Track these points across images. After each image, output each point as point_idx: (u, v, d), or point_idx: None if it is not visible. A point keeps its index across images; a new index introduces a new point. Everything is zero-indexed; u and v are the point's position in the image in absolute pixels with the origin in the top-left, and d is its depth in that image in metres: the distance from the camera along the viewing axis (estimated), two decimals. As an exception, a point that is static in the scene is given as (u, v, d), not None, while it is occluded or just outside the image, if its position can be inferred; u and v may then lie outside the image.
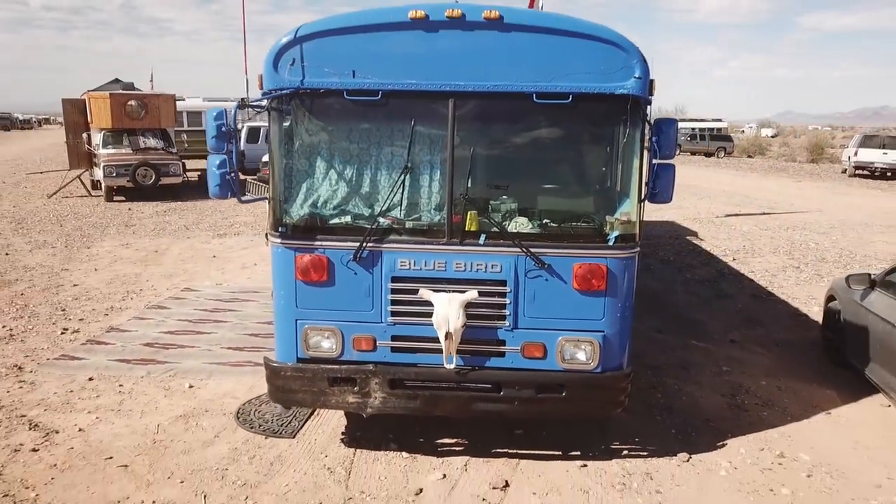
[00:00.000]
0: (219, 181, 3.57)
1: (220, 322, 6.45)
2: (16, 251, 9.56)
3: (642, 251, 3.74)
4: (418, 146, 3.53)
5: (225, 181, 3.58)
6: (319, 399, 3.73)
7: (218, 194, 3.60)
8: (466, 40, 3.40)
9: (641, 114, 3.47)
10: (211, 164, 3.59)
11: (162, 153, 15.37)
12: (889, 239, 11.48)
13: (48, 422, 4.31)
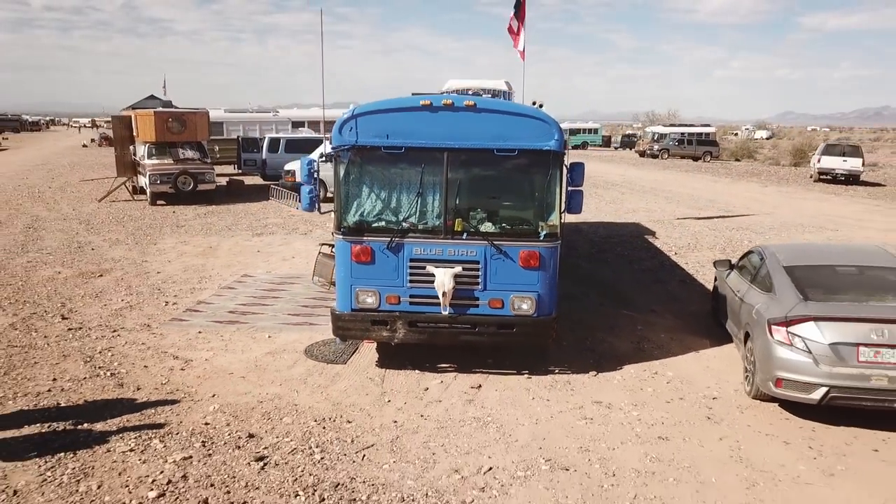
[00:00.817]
0: (308, 202, 5.91)
1: (277, 297, 8.76)
2: (98, 247, 11.85)
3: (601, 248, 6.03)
4: (426, 179, 5.84)
5: (312, 201, 5.92)
6: (365, 334, 6.05)
7: (308, 209, 5.94)
8: (455, 118, 5.71)
9: (559, 160, 5.78)
10: (304, 191, 5.93)
11: (198, 163, 17.68)
12: (813, 238, 13.77)
13: (183, 355, 6.62)
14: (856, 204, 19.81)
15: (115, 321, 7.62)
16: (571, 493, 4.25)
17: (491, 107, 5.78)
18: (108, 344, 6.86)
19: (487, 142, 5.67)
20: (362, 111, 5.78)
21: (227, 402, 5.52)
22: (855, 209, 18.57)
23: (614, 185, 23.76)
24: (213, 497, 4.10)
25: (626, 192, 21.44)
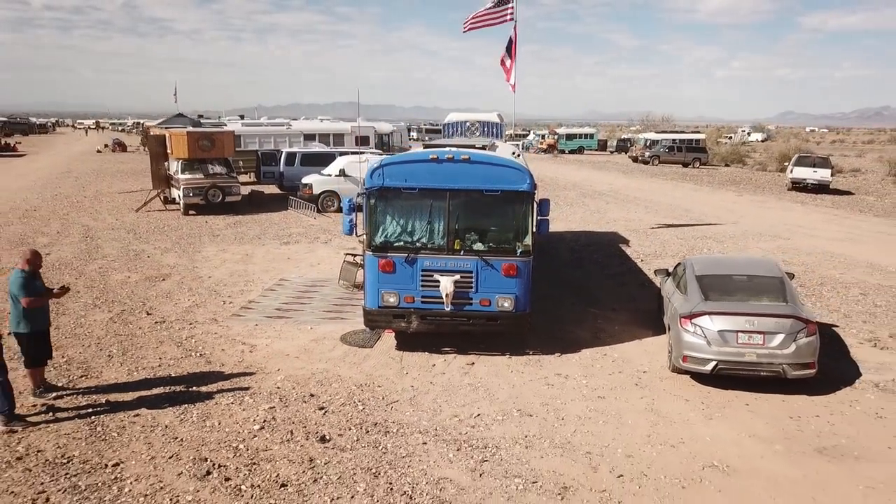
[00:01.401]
0: (349, 228, 8.04)
1: (311, 298, 10.87)
2: (151, 254, 13.96)
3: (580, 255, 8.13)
4: (433, 212, 7.94)
5: (351, 228, 8.04)
6: (388, 324, 8.16)
7: (348, 233, 8.06)
8: (454, 167, 7.81)
9: (531, 198, 7.89)
10: (345, 219, 8.05)
11: (226, 177, 19.78)
12: (765, 246, 15.87)
13: (248, 342, 8.73)
14: (816, 213, 21.92)
15: (188, 316, 9.74)
16: (532, 429, 6.36)
17: (481, 159, 7.90)
18: (189, 333, 8.98)
19: (478, 185, 7.78)
20: (388, 162, 7.89)
21: (289, 374, 7.64)
22: (814, 218, 20.68)
23: (601, 194, 25.86)
24: (295, 428, 6.21)
25: (610, 202, 23.55)
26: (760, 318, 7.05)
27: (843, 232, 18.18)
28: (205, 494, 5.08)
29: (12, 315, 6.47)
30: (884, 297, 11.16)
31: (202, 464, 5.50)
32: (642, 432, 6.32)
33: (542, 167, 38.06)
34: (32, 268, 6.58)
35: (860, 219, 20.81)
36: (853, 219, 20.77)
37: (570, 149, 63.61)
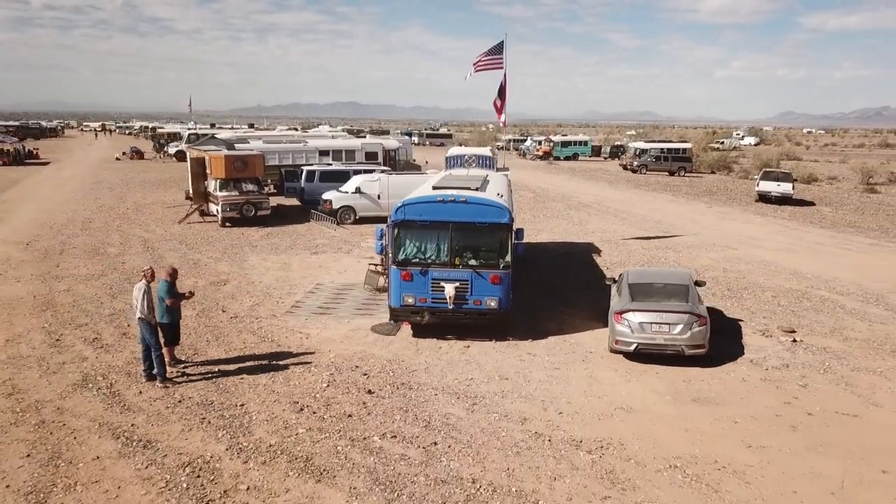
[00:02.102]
0: (380, 248, 11.22)
1: (343, 298, 14.00)
2: (206, 263, 17.08)
3: (557, 263, 11.27)
4: (440, 237, 11.07)
5: (382, 249, 11.20)
6: (407, 318, 11.31)
7: (379, 253, 11.22)
8: (455, 206, 10.95)
9: (510, 227, 11.03)
10: (377, 243, 11.25)
11: (257, 194, 22.91)
12: (713, 255, 18.99)
13: (303, 331, 11.85)
14: (771, 225, 25.06)
15: (253, 313, 12.86)
16: (507, 387, 9.48)
17: (473, 200, 11.03)
18: (258, 326, 12.11)
19: (471, 219, 10.92)
20: (408, 202, 11.03)
21: (338, 353, 10.77)
22: (766, 230, 23.82)
23: (585, 206, 28.99)
24: (350, 386, 9.34)
25: (592, 214, 26.68)
26: (667, 313, 10.19)
27: (786, 243, 21.32)
28: (303, 419, 8.22)
29: (159, 311, 9.57)
30: (788, 299, 14.31)
31: (295, 404, 8.65)
32: (580, 390, 9.46)
33: (536, 178, 41.19)
34: (172, 279, 9.70)
35: (806, 230, 23.96)
36: (800, 230, 23.92)
37: (565, 155, 66.80)
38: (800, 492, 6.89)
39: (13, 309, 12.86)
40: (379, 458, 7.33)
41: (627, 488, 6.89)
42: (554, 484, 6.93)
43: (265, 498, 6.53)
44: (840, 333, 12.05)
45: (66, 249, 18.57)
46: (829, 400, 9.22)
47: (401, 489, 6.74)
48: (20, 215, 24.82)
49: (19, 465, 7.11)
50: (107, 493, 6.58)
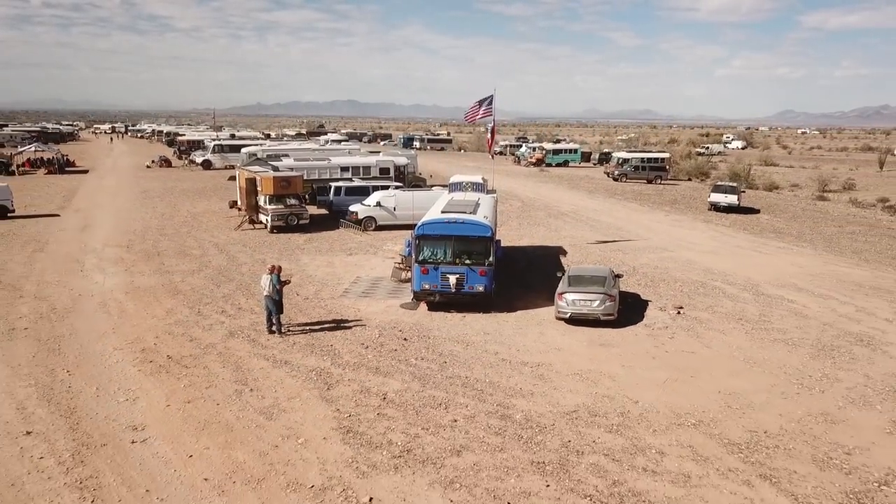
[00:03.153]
0: (408, 252, 17.29)
1: (377, 287, 20.01)
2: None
3: (532, 262, 17.30)
4: (446, 245, 17.10)
5: (410, 252, 17.24)
6: (425, 298, 17.39)
7: (408, 255, 17.27)
8: (457, 224, 16.99)
9: (492, 238, 17.09)
10: (405, 248, 17.32)
11: (298, 207, 28.90)
12: (652, 255, 24.94)
13: (355, 307, 17.84)
14: (711, 231, 31.04)
15: (318, 297, 18.84)
16: (489, 338, 15.48)
17: (468, 220, 17.04)
18: (324, 305, 18.09)
19: (466, 233, 16.93)
20: (426, 222, 17.07)
21: (381, 320, 16.76)
22: (705, 235, 29.79)
23: (563, 215, 34.98)
24: (393, 336, 15.34)
25: (567, 223, 32.66)
26: (589, 294, 16.19)
27: (713, 246, 27.31)
28: (368, 352, 14.21)
29: (274, 291, 15.51)
30: (689, 288, 20.31)
31: (362, 345, 14.65)
32: (532, 339, 15.46)
33: (526, 187, 47.13)
34: (279, 273, 15.68)
35: (735, 236, 29.97)
36: (730, 236, 29.92)
37: (557, 162, 72.86)
38: (642, 384, 12.87)
39: (155, 294, 18.86)
40: (415, 367, 13.35)
41: (549, 382, 12.89)
42: (509, 380, 12.93)
43: (360, 382, 12.52)
44: (712, 309, 18.07)
45: (160, 252, 24.56)
46: (682, 345, 15.24)
47: (428, 380, 12.74)
48: (102, 223, 30.77)
49: (221, 371, 13.10)
50: (276, 383, 12.57)
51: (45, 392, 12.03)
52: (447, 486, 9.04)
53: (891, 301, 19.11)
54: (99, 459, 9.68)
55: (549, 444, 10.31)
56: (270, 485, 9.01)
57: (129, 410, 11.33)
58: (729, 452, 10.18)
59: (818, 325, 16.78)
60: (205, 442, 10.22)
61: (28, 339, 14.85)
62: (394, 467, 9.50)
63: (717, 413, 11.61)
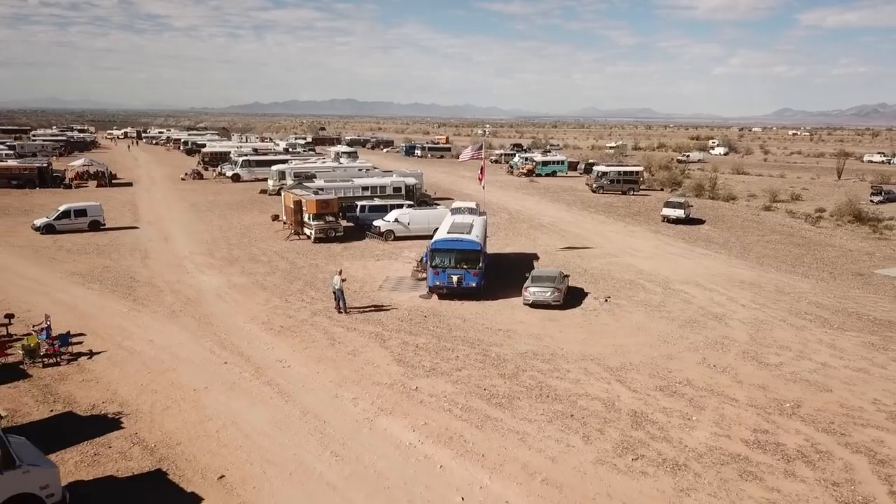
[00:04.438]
0: (425, 259, 25.96)
1: (402, 283, 28.70)
2: (319, 266, 31.64)
3: (513, 265, 26.00)
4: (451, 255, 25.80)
5: (425, 259, 25.95)
6: (436, 291, 26.11)
7: (424, 262, 25.95)
8: (457, 241, 25.71)
9: (482, 249, 25.82)
10: (423, 255, 25.97)
11: (335, 222, 37.55)
12: (602, 260, 33.55)
13: (389, 297, 26.52)
14: (655, 240, 39.69)
15: (362, 291, 27.48)
16: (478, 316, 24.13)
17: (465, 238, 25.73)
18: (367, 296, 26.72)
19: (463, 247, 25.61)
20: (437, 240, 25.80)
21: (408, 306, 25.41)
22: (649, 243, 38.42)
23: (542, 226, 43.59)
24: (417, 315, 23.99)
25: (544, 233, 41.27)
26: (544, 287, 24.85)
27: (652, 253, 35.95)
28: (404, 323, 22.85)
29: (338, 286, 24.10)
30: (621, 284, 28.94)
31: (398, 319, 23.30)
32: (506, 317, 24.11)
33: (515, 199, 55.65)
34: (342, 273, 24.31)
35: (673, 244, 38.63)
36: (669, 244, 38.58)
37: (546, 172, 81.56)
38: (568, 341, 21.53)
39: (249, 288, 27.47)
40: (432, 331, 22.02)
41: (512, 339, 21.52)
42: (489, 338, 21.57)
43: (401, 339, 21.13)
44: (630, 298, 26.73)
45: (236, 258, 33.14)
46: (601, 320, 23.87)
47: (441, 338, 21.41)
48: (177, 235, 39.29)
49: (317, 334, 21.73)
50: (352, 339, 21.19)
51: (220, 343, 20.69)
52: (453, 383, 17.70)
53: (754, 293, 27.83)
54: (271, 374, 18.32)
55: (508, 366, 18.99)
56: (365, 382, 17.67)
57: (273, 353, 19.98)
58: (605, 371, 18.85)
59: (694, 307, 25.49)
60: (322, 366, 18.88)
61: (187, 317, 23.48)
62: (425, 375, 18.17)
63: (606, 355, 20.28)
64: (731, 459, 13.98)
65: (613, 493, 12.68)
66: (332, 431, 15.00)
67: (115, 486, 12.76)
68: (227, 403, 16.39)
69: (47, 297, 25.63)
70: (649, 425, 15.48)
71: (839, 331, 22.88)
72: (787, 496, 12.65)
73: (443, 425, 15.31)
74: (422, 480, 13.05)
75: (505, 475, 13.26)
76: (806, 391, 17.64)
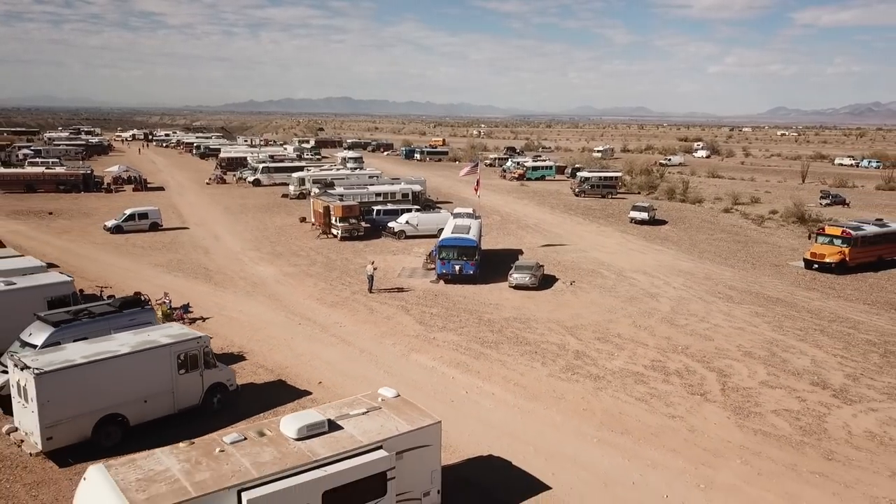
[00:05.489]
0: (434, 253, 34.46)
1: (415, 272, 37.14)
2: (350, 259, 39.97)
3: (502, 259, 34.43)
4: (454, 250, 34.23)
5: (433, 255, 34.43)
6: (444, 278, 34.58)
7: (432, 255, 34.43)
8: (459, 239, 34.14)
9: (478, 247, 34.26)
10: (434, 251, 34.45)
11: (357, 224, 45.91)
12: (574, 255, 41.95)
13: (407, 282, 34.92)
14: (620, 238, 48.13)
15: (386, 276, 35.80)
16: (475, 295, 32.55)
17: (465, 237, 34.13)
18: (391, 281, 35.09)
19: (463, 244, 34.06)
20: (444, 238, 34.26)
21: (422, 288, 33.80)
22: (614, 241, 46.86)
23: (528, 227, 51.97)
24: (429, 295, 32.39)
25: (530, 233, 49.66)
26: (524, 273, 33.26)
27: (616, 249, 44.38)
28: (421, 300, 31.24)
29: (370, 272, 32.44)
30: (586, 272, 37.40)
31: (417, 297, 31.69)
32: (495, 296, 32.53)
33: (506, 202, 63.93)
34: (374, 264, 32.69)
35: (635, 242, 47.08)
36: (632, 242, 47.04)
37: (535, 177, 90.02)
38: (541, 310, 29.94)
39: (299, 276, 35.82)
40: (441, 305, 30.41)
41: (499, 309, 29.92)
42: (482, 308, 29.97)
43: (420, 309, 29.49)
44: (590, 283, 35.17)
45: (280, 253, 41.43)
46: (566, 298, 32.30)
47: (448, 308, 29.81)
48: (223, 234, 47.55)
49: (358, 307, 30.10)
50: (385, 310, 29.56)
51: (291, 312, 29.02)
52: (458, 335, 26.14)
53: (686, 279, 36.31)
54: (333, 330, 26.68)
55: (495, 326, 27.42)
56: (398, 335, 26.06)
57: (330, 318, 28.32)
58: (562, 328, 27.27)
59: (637, 289, 33.95)
60: (367, 326, 27.24)
61: (260, 296, 31.78)
62: (439, 330, 26.60)
63: (565, 319, 28.69)
64: (632, 374, 22.43)
65: (556, 390, 21.11)
66: (382, 361, 23.39)
67: (257, 387, 21.09)
68: (310, 347, 24.76)
69: (147, 282, 33.87)
70: (585, 357, 23.94)
71: (737, 304, 31.40)
72: (660, 391, 21.10)
73: (452, 357, 23.72)
74: (441, 385, 21.43)
75: (492, 382, 21.68)
76: (696, 340, 26.12)
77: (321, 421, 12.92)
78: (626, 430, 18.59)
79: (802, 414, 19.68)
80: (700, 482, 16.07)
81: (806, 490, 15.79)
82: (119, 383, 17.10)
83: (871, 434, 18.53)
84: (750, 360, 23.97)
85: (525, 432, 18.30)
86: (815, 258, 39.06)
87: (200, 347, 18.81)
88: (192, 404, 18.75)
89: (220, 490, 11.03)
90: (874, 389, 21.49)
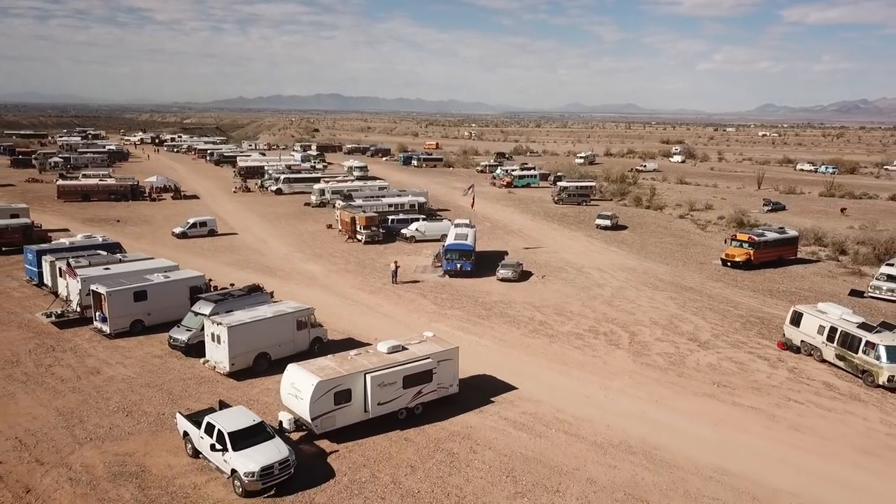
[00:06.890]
0: (441, 253, 46.81)
1: (426, 269, 49.46)
2: (375, 259, 52.14)
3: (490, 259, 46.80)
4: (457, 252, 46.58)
5: (439, 256, 46.80)
6: (448, 273, 46.92)
7: (440, 256, 46.76)
8: (460, 244, 46.52)
9: (474, 250, 46.67)
10: (441, 253, 46.84)
11: (377, 231, 58.10)
12: (546, 255, 54.24)
13: (419, 277, 47.19)
14: (585, 241, 60.53)
15: (404, 273, 48.01)
16: (473, 286, 44.86)
17: (465, 242, 46.45)
18: (408, 276, 47.34)
19: (463, 248, 46.43)
20: (449, 243, 46.56)
21: (433, 282, 46.10)
22: (579, 244, 59.26)
23: (513, 232, 64.24)
24: (438, 286, 44.68)
25: (514, 237, 61.93)
26: (507, 270, 45.62)
27: (580, 251, 56.79)
28: (435, 288, 43.54)
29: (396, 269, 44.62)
30: (555, 268, 49.81)
31: (431, 286, 43.98)
32: (486, 286, 44.87)
33: (496, 210, 76.08)
34: (396, 263, 44.97)
35: (596, 244, 59.49)
36: (594, 244, 59.46)
37: (522, 184, 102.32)
38: (518, 296, 42.28)
39: (341, 272, 47.95)
40: (448, 293, 42.73)
41: (488, 295, 42.25)
42: (476, 294, 42.30)
43: (434, 295, 41.73)
44: (557, 277, 47.56)
45: (320, 255, 53.53)
46: (538, 288, 44.67)
47: (453, 295, 42.13)
48: (268, 238, 59.51)
49: (389, 293, 42.32)
50: (409, 295, 41.81)
51: (343, 297, 41.22)
52: (461, 311, 38.48)
53: (628, 274, 48.75)
54: (376, 309, 38.93)
55: (487, 304, 39.80)
56: (421, 311, 38.34)
57: (371, 301, 40.56)
58: (532, 307, 39.65)
59: (590, 281, 46.37)
60: (399, 306, 39.50)
61: (316, 286, 43.89)
62: (449, 308, 38.95)
63: (535, 301, 41.05)
64: (575, 334, 34.84)
65: (525, 343, 33.47)
66: (413, 327, 35.56)
67: (336, 342, 33.23)
68: (364, 318, 36.98)
69: (231, 276, 45.83)
70: (546, 325, 36.32)
71: (660, 291, 43.90)
72: (590, 343, 33.54)
73: (459, 325, 36.05)
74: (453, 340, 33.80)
75: (485, 338, 34.04)
76: (622, 315, 38.55)
77: (399, 344, 25.25)
78: (565, 363, 31.01)
79: (674, 355, 32.19)
80: (603, 388, 28.46)
81: (660, 390, 28.23)
82: (266, 334, 29.26)
83: (711, 365, 31.05)
84: (654, 326, 36.47)
85: (504, 364, 30.68)
86: (729, 258, 51.65)
87: (308, 314, 31.02)
88: (303, 349, 30.93)
89: (356, 373, 23.28)
90: (725, 342, 34.05)
